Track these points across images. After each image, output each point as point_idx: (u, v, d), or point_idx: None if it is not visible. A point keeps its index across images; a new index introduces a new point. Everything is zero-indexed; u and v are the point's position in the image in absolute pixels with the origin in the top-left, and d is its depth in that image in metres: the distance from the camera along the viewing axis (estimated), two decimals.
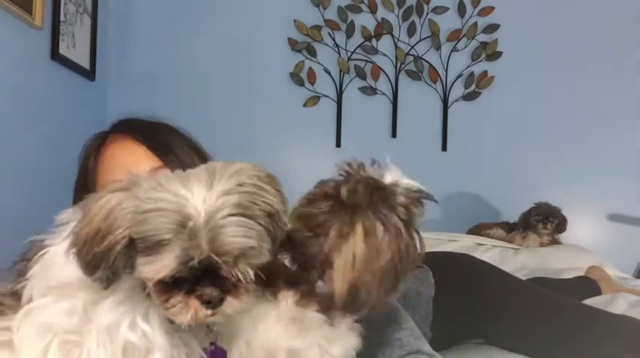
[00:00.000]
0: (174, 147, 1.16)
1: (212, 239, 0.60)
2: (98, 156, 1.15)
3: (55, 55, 2.32)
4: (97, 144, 1.17)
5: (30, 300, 0.70)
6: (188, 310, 0.63)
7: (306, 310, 0.77)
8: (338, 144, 2.95)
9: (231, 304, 0.65)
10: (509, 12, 2.96)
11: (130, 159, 1.12)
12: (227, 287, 0.64)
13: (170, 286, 0.63)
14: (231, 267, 0.62)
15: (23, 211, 1.99)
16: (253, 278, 0.64)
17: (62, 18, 2.36)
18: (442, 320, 1.41)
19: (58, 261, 0.69)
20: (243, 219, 0.62)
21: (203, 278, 0.62)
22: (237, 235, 0.61)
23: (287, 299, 0.77)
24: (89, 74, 2.65)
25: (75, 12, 2.50)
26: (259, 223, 0.63)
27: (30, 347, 0.67)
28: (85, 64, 2.61)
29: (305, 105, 2.96)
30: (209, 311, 0.64)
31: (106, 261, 0.61)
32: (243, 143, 2.77)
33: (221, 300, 0.64)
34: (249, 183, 0.64)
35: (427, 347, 1.01)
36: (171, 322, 0.68)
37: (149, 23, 2.95)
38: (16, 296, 0.72)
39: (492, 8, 2.95)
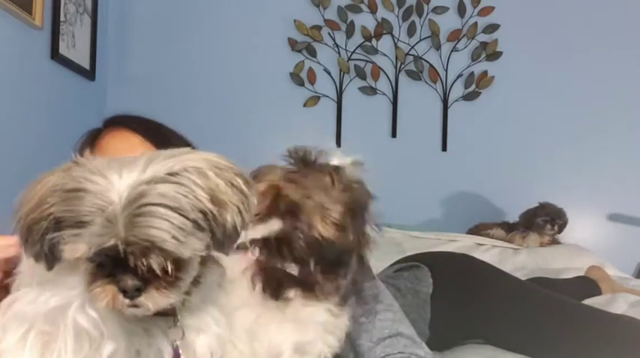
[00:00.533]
0: (169, 138, 1.15)
1: (127, 227, 0.58)
2: (93, 149, 1.15)
3: (55, 54, 2.32)
4: (92, 139, 1.17)
5: None
6: (105, 296, 0.61)
7: (312, 307, 0.81)
8: (338, 145, 2.95)
9: (152, 297, 0.62)
10: (509, 12, 2.96)
11: (125, 146, 1.12)
12: (150, 278, 0.61)
13: (95, 269, 0.61)
14: (138, 258, 0.59)
15: None
16: (171, 271, 0.61)
17: (62, 18, 2.37)
18: (442, 320, 1.41)
19: None
20: (162, 209, 0.59)
21: (126, 265, 0.60)
22: (152, 226, 0.58)
23: (295, 300, 0.81)
24: (89, 74, 2.65)
25: (75, 12, 2.50)
26: (186, 217, 0.60)
27: (10, 336, 0.67)
28: (85, 64, 2.61)
29: (305, 105, 2.96)
30: (127, 301, 0.61)
31: (33, 237, 0.60)
32: (243, 143, 2.77)
33: (139, 291, 0.61)
34: (183, 174, 0.61)
35: (408, 331, 1.01)
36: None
37: (149, 23, 2.95)
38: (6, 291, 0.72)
39: (492, 8, 2.95)
